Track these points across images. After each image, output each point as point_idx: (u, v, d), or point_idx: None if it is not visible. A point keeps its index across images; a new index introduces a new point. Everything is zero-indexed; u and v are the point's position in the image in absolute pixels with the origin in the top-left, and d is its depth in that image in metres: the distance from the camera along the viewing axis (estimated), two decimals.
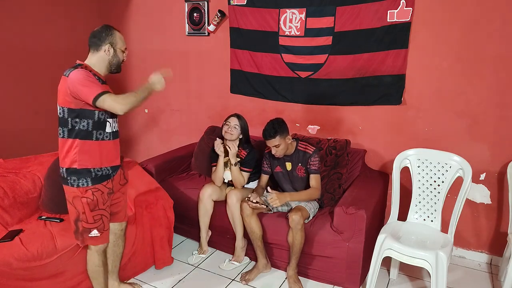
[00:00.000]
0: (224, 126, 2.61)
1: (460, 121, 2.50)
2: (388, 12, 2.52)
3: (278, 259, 2.49)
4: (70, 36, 3.63)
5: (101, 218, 1.85)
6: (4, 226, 2.18)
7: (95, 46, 1.83)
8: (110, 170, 1.87)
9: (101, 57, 1.83)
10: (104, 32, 1.83)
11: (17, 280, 1.92)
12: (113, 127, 1.86)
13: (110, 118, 1.84)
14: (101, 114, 1.77)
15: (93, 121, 1.75)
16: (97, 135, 1.78)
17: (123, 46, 1.87)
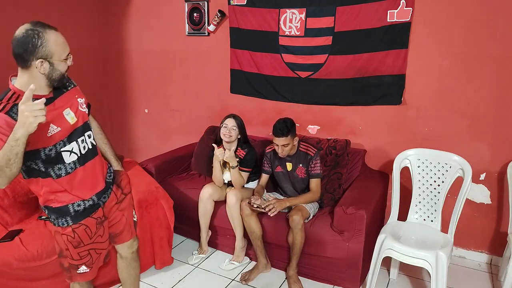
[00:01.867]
0: (221, 128, 2.61)
1: (460, 121, 2.50)
2: (388, 12, 2.52)
3: (278, 259, 2.49)
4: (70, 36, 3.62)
5: (88, 253, 1.57)
6: (4, 226, 2.18)
7: (22, 61, 1.32)
8: (95, 199, 1.54)
9: (34, 75, 1.32)
10: (31, 42, 1.29)
11: (17, 280, 1.92)
12: (79, 150, 1.48)
13: (69, 143, 1.44)
14: (48, 150, 1.37)
15: (41, 159, 1.38)
16: (57, 172, 1.42)
17: (63, 53, 1.35)
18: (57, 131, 1.39)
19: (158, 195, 2.44)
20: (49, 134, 1.36)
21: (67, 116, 1.44)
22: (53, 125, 1.38)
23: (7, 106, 1.28)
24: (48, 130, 1.37)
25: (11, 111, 1.27)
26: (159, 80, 3.70)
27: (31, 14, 3.29)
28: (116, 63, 3.92)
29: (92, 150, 1.56)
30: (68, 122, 1.44)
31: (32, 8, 3.29)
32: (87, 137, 1.54)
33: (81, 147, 1.49)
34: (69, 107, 1.46)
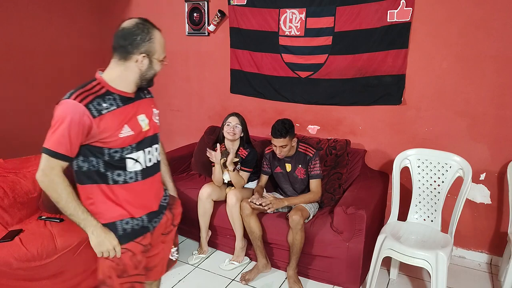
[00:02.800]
0: (224, 126, 2.60)
1: (460, 121, 2.50)
2: (388, 12, 2.52)
3: (278, 259, 2.49)
4: (70, 36, 3.63)
5: (132, 287, 1.39)
6: (4, 226, 2.17)
7: (123, 53, 1.31)
8: (145, 220, 1.39)
9: (129, 68, 1.31)
10: (140, 35, 1.28)
11: (17, 280, 1.92)
12: (144, 161, 1.37)
13: (136, 151, 1.34)
14: (113, 151, 1.28)
15: (104, 160, 1.28)
16: (115, 177, 1.31)
17: (162, 54, 1.35)
18: (129, 134, 1.30)
19: None
20: (120, 135, 1.28)
21: (141, 122, 1.37)
22: (128, 126, 1.30)
23: (88, 97, 1.23)
24: (121, 131, 1.28)
25: (90, 104, 1.21)
26: (159, 80, 3.65)
27: (31, 14, 3.29)
28: None
29: (156, 165, 1.45)
30: (141, 128, 1.36)
31: (32, 8, 3.29)
32: (154, 150, 1.44)
33: (146, 158, 1.38)
34: (144, 114, 1.39)
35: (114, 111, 1.27)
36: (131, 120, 1.33)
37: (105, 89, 1.28)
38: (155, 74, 1.39)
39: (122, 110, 1.30)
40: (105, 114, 1.24)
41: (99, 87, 1.28)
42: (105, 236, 1.28)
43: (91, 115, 1.20)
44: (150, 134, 1.41)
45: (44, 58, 3.45)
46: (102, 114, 1.23)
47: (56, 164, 1.22)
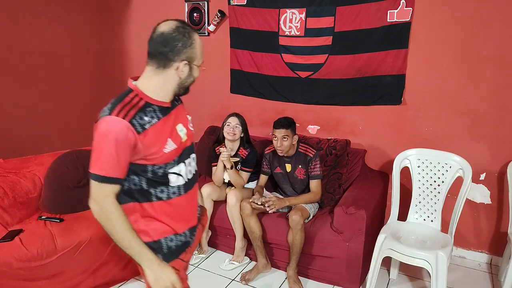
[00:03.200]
0: (224, 127, 2.60)
1: (460, 121, 2.50)
2: (388, 12, 2.52)
3: (278, 259, 2.49)
4: (70, 36, 3.63)
5: None
6: (4, 226, 2.18)
7: (163, 60, 1.16)
8: (187, 234, 1.30)
9: (168, 77, 1.19)
10: (182, 40, 1.16)
11: (17, 280, 1.92)
12: (186, 173, 1.28)
13: (178, 164, 1.24)
14: (157, 168, 1.18)
15: (147, 177, 1.19)
16: (159, 194, 1.22)
17: (201, 59, 1.27)
18: (173, 148, 1.20)
19: None
20: (165, 150, 1.17)
21: (180, 133, 1.26)
22: (171, 140, 1.20)
23: (131, 111, 1.11)
24: (165, 145, 1.18)
25: (134, 119, 1.10)
26: None
27: (32, 14, 3.29)
28: (116, 63, 3.92)
29: (195, 176, 1.35)
30: (181, 139, 1.25)
31: (32, 8, 3.29)
32: (192, 160, 1.33)
33: (187, 170, 1.28)
34: (182, 123, 1.28)
35: (156, 124, 1.15)
36: (172, 132, 1.22)
37: (144, 100, 1.16)
38: (194, 81, 1.26)
39: (163, 122, 1.18)
40: (148, 129, 1.13)
41: (138, 99, 1.16)
42: (162, 271, 1.16)
43: (135, 132, 1.09)
44: (188, 144, 1.29)
45: (44, 58, 3.44)
46: (146, 129, 1.12)
47: (108, 190, 1.11)
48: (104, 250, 2.18)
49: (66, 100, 3.71)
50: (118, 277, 2.30)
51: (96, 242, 2.15)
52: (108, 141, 1.07)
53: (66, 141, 3.45)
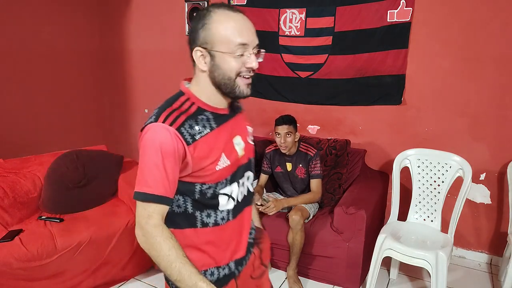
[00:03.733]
0: None
1: (460, 121, 2.50)
2: (388, 12, 2.52)
3: (278, 259, 2.49)
4: (70, 36, 3.63)
5: None
6: (4, 226, 2.17)
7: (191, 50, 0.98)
8: (232, 267, 1.09)
9: (197, 75, 1.01)
10: (195, 22, 0.96)
11: (17, 280, 1.92)
12: (237, 196, 1.07)
13: (230, 184, 1.04)
14: (206, 187, 1.00)
15: (193, 198, 1.00)
16: (204, 219, 1.03)
17: (234, 44, 0.93)
18: (226, 165, 1.00)
19: None
20: (218, 167, 0.98)
21: (237, 147, 1.05)
22: (225, 155, 1.00)
23: (180, 117, 0.94)
24: (219, 162, 0.98)
25: (183, 127, 0.93)
26: (159, 79, 3.70)
27: (31, 14, 3.29)
28: (116, 62, 3.92)
29: (247, 197, 1.13)
30: (237, 155, 1.05)
31: (32, 8, 3.29)
32: (247, 179, 1.12)
33: (239, 192, 1.07)
34: (240, 135, 1.07)
35: (208, 135, 0.97)
36: (227, 145, 1.02)
37: (196, 106, 0.98)
38: (231, 78, 0.96)
39: (217, 133, 0.99)
40: (198, 140, 0.95)
41: (189, 104, 0.98)
42: None
43: (184, 142, 0.92)
44: (244, 161, 1.08)
45: (44, 58, 3.45)
46: (196, 141, 0.94)
47: (153, 210, 0.94)
48: (104, 250, 2.18)
49: (66, 100, 3.71)
50: (118, 277, 2.30)
51: (96, 242, 2.15)
52: (154, 152, 0.91)
53: (66, 141, 3.45)
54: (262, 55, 0.99)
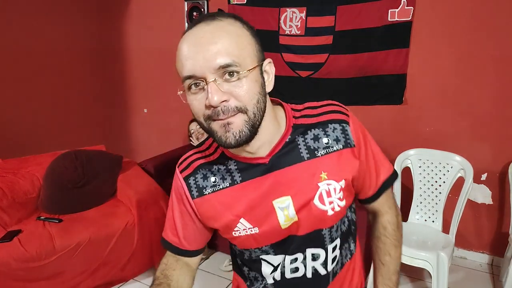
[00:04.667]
0: (192, 136, 2.69)
1: (461, 121, 2.49)
2: (389, 11, 2.51)
3: None
4: (69, 35, 3.62)
5: None
6: (3, 227, 2.17)
7: None
8: None
9: None
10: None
11: (16, 280, 1.91)
12: (283, 270, 0.84)
13: (275, 254, 0.82)
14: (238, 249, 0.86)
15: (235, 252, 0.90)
16: (251, 278, 0.90)
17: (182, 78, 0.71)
18: (252, 232, 0.79)
19: (157, 196, 2.42)
20: (235, 234, 0.80)
21: (280, 211, 0.78)
22: (246, 221, 0.79)
23: (193, 164, 0.83)
24: (235, 228, 0.80)
25: (191, 177, 0.82)
26: (159, 79, 3.69)
27: (31, 13, 3.28)
28: (115, 62, 3.90)
29: (315, 282, 0.85)
30: (277, 222, 0.78)
31: (32, 7, 3.28)
32: (311, 258, 0.82)
33: (289, 267, 0.83)
34: (291, 195, 0.77)
35: (224, 191, 0.79)
36: (255, 208, 0.78)
37: (221, 150, 0.81)
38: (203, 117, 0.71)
39: (240, 189, 0.78)
40: (207, 196, 0.80)
41: (215, 147, 0.83)
42: None
43: (189, 194, 0.81)
44: (300, 232, 0.79)
45: (43, 57, 3.43)
46: (204, 195, 0.80)
47: (168, 256, 0.87)
48: (103, 251, 2.17)
49: (65, 100, 3.70)
50: (117, 278, 2.29)
51: (95, 243, 2.14)
52: (171, 197, 0.86)
53: (65, 141, 3.44)
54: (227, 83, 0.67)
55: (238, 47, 0.67)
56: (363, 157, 0.83)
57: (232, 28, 0.68)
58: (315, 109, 0.83)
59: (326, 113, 0.82)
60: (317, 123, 0.80)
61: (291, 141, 0.78)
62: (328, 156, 0.78)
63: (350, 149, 0.80)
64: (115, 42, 3.84)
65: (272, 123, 0.77)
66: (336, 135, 0.79)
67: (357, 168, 0.81)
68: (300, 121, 0.81)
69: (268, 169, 0.77)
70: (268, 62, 0.74)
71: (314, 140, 0.79)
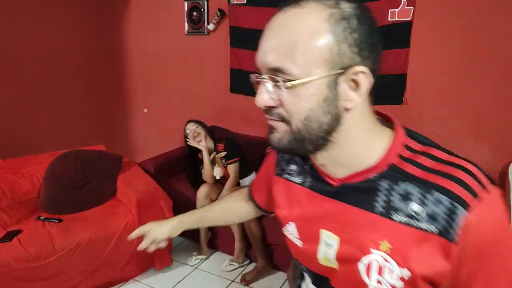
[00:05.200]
0: (188, 138, 2.66)
1: (461, 120, 2.49)
2: (389, 11, 2.51)
3: (278, 260, 2.47)
4: (69, 35, 3.62)
5: None
6: (3, 227, 2.17)
7: None
8: None
9: None
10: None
11: (16, 280, 1.91)
12: None
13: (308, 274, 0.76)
14: None
15: None
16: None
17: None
18: (293, 240, 0.78)
19: (157, 196, 2.42)
20: (285, 231, 0.83)
21: (322, 243, 0.68)
22: (294, 227, 0.77)
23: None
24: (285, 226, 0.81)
25: (283, 157, 0.79)
26: (158, 79, 3.69)
27: (31, 13, 3.28)
28: (115, 62, 3.90)
29: None
30: (316, 250, 0.69)
31: (32, 7, 3.27)
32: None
33: None
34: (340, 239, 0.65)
35: (294, 185, 0.74)
36: (305, 222, 0.72)
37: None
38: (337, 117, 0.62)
39: (305, 193, 0.71)
40: (282, 178, 0.78)
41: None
42: None
43: (274, 168, 0.81)
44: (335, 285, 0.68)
45: (43, 57, 3.43)
46: (281, 177, 0.78)
47: (246, 190, 1.02)
48: (103, 251, 2.17)
49: (65, 100, 3.70)
50: (117, 278, 2.29)
51: (95, 243, 2.14)
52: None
53: (64, 141, 3.44)
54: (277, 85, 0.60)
55: (297, 50, 0.54)
56: (464, 275, 0.55)
57: (304, 22, 0.54)
58: (437, 162, 0.59)
59: (445, 176, 0.56)
60: (421, 180, 0.57)
61: (373, 180, 0.61)
62: (406, 228, 0.57)
63: (444, 240, 0.54)
64: (116, 42, 3.84)
65: (358, 147, 0.62)
66: (435, 211, 0.55)
67: (442, 272, 0.55)
68: (405, 167, 0.60)
69: (334, 193, 0.65)
70: (359, 71, 0.60)
71: (402, 198, 0.58)
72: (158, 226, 0.96)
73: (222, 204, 1.02)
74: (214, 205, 1.02)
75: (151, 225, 0.97)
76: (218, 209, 1.01)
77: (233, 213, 1.02)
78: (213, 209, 1.01)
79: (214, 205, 1.02)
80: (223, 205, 1.02)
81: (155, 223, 0.97)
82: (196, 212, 1.00)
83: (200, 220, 0.99)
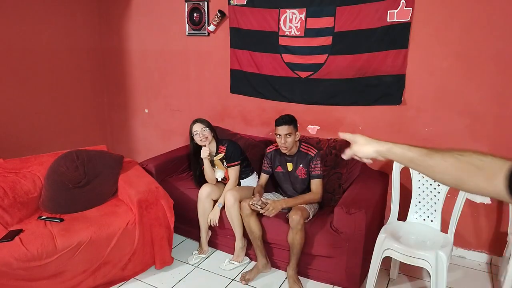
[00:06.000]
0: (194, 137, 2.60)
1: (460, 120, 2.50)
2: (388, 12, 2.52)
3: (278, 259, 2.49)
4: (69, 35, 3.64)
5: None
6: (4, 226, 2.18)
7: None
8: None
9: None
10: None
11: (17, 280, 1.92)
12: None
13: None
14: None
15: None
16: None
17: None
18: None
19: (158, 195, 2.44)
20: None
21: None
22: None
23: None
24: None
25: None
26: (159, 80, 3.70)
27: (31, 13, 3.29)
28: (116, 63, 3.92)
29: None
30: None
31: (32, 7, 3.29)
32: None
33: None
34: None
35: None
36: None
37: None
38: None
39: None
40: None
41: None
42: None
43: None
44: None
45: (44, 57, 3.45)
46: None
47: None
48: (104, 250, 2.18)
49: (66, 100, 3.71)
50: (118, 277, 2.30)
51: (96, 242, 2.15)
52: None
53: (66, 141, 3.46)
54: None
55: None
56: None
57: None
58: None
59: None
60: None
61: None
62: None
63: None
64: (116, 42, 3.85)
65: None
66: None
67: None
68: None
69: None
70: None
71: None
72: (365, 143, 1.00)
73: (448, 158, 0.80)
74: (436, 153, 0.82)
75: (361, 138, 1.01)
76: (441, 161, 0.81)
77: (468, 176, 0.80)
78: (433, 157, 0.82)
79: (436, 153, 0.82)
80: (450, 161, 0.80)
81: (364, 139, 0.99)
82: (409, 149, 0.86)
83: (411, 161, 0.85)
